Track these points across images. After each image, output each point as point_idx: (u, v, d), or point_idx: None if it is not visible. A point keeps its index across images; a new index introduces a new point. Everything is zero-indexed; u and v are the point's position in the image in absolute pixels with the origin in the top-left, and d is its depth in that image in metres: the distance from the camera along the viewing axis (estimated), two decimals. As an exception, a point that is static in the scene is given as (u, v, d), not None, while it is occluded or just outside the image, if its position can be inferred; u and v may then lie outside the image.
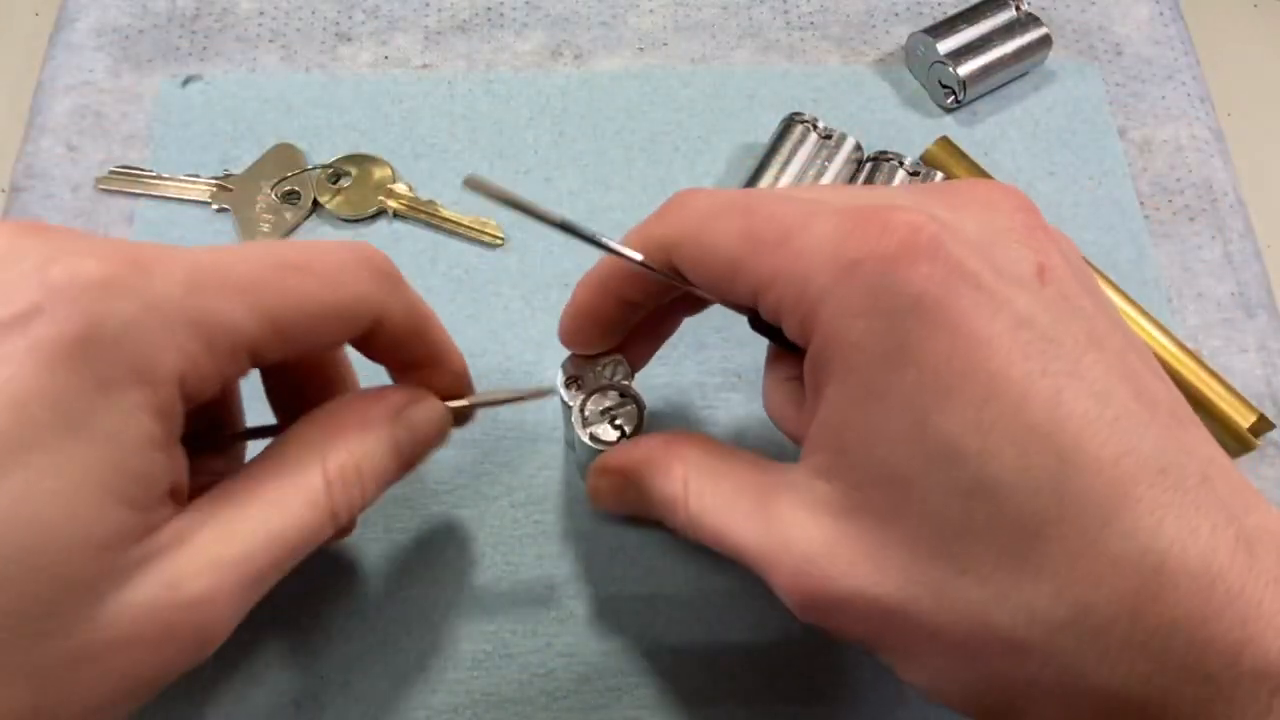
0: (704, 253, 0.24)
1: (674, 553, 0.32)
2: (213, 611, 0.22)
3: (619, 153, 0.39)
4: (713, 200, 0.24)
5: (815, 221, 0.22)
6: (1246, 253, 0.39)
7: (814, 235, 0.22)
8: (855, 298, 0.21)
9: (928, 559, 0.20)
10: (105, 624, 0.20)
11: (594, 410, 0.29)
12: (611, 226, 0.38)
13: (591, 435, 0.29)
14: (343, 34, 0.42)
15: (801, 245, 0.22)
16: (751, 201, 0.24)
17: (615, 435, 0.29)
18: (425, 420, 0.26)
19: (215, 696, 0.29)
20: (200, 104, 0.40)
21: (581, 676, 0.30)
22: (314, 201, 0.38)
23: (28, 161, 0.39)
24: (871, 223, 0.21)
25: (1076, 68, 0.42)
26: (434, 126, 0.40)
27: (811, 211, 0.22)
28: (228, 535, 0.22)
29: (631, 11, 0.43)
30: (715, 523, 0.25)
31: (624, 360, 0.30)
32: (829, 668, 0.31)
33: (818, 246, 0.22)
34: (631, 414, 0.29)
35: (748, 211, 0.23)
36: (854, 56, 0.42)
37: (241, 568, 0.22)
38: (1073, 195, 0.39)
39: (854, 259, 0.21)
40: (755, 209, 0.23)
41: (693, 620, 0.31)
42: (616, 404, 0.29)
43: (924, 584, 0.21)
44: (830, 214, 0.22)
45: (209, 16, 0.42)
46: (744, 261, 0.23)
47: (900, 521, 0.21)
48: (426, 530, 0.32)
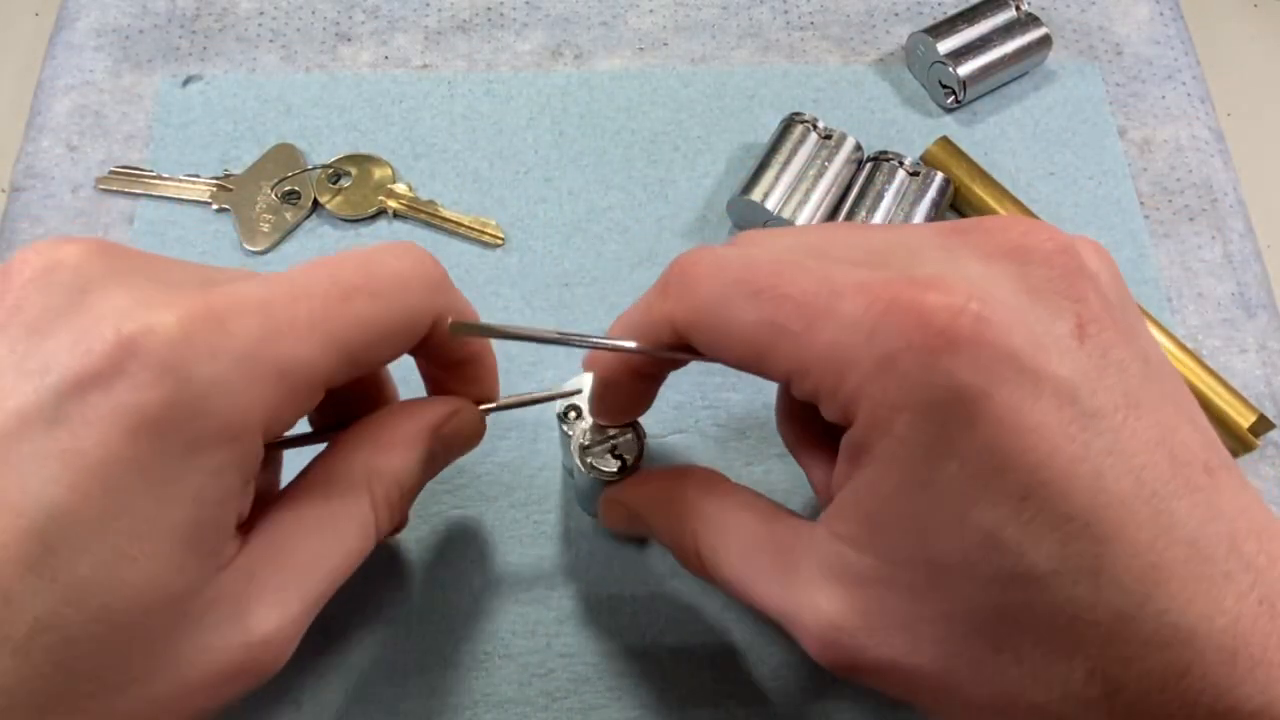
0: (721, 339, 0.23)
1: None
2: (278, 646, 0.22)
3: (619, 153, 0.39)
4: (720, 274, 0.22)
5: (840, 304, 0.21)
6: (1246, 253, 0.39)
7: (841, 321, 0.20)
8: (895, 392, 0.20)
9: (962, 637, 0.20)
10: (182, 670, 0.20)
11: (594, 439, 0.29)
12: (611, 226, 0.38)
13: (590, 465, 0.29)
14: (343, 34, 0.42)
15: (830, 335, 0.21)
16: (765, 277, 0.22)
17: (615, 465, 0.29)
18: (462, 431, 0.27)
19: (215, 696, 0.29)
20: (200, 104, 0.40)
21: (581, 677, 0.30)
22: (314, 201, 0.38)
23: (28, 161, 0.39)
24: (906, 310, 0.20)
25: (1076, 68, 0.42)
26: (434, 126, 0.40)
27: (834, 290, 0.21)
28: (288, 568, 0.22)
29: (631, 11, 0.43)
30: (730, 576, 0.24)
31: None
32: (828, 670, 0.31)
33: (849, 337, 0.20)
34: (631, 444, 0.29)
35: (762, 295, 0.22)
36: (854, 56, 0.42)
37: (304, 601, 0.22)
38: (1073, 195, 0.39)
39: (890, 352, 0.20)
40: (767, 289, 0.21)
41: (693, 620, 0.31)
42: (617, 433, 0.29)
43: (960, 657, 0.20)
44: (855, 293, 0.20)
45: (209, 16, 0.42)
46: (768, 351, 0.22)
47: (935, 600, 0.20)
48: (426, 530, 0.32)
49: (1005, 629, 0.20)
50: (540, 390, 0.26)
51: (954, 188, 0.38)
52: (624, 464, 0.29)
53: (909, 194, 0.37)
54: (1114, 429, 0.19)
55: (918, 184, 0.37)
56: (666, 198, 0.39)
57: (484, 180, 0.39)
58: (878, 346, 0.20)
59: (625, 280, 0.37)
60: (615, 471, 0.28)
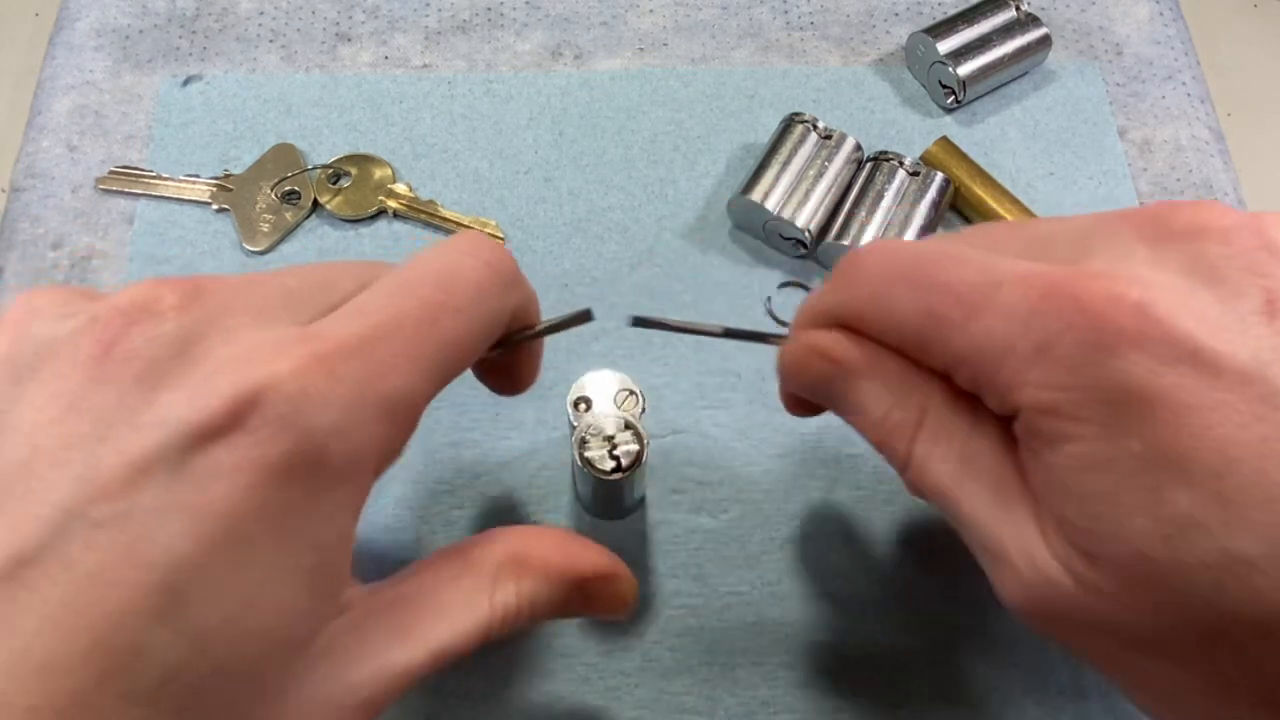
0: (886, 328, 0.23)
1: (673, 554, 0.32)
2: (373, 711, 0.22)
3: (619, 153, 0.39)
4: (886, 266, 0.23)
5: (1000, 294, 0.20)
6: (1246, 253, 0.38)
7: (1000, 312, 0.20)
8: (1057, 379, 0.19)
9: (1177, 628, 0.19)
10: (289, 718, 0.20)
11: (595, 435, 0.29)
12: (611, 226, 0.38)
13: (586, 460, 0.29)
14: (343, 34, 0.42)
15: (989, 324, 0.20)
16: (927, 268, 0.22)
17: (611, 465, 0.29)
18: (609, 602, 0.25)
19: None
20: (200, 104, 0.40)
21: (581, 677, 0.30)
22: (314, 201, 0.38)
23: (28, 161, 0.39)
24: (1064, 297, 0.19)
25: (1076, 68, 0.42)
26: (434, 126, 0.40)
27: (994, 280, 0.21)
28: (398, 643, 0.22)
29: (631, 12, 0.43)
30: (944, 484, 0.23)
31: (640, 394, 0.30)
32: (828, 668, 0.31)
33: (1006, 326, 0.20)
34: (631, 446, 0.29)
35: (926, 285, 0.22)
36: (854, 56, 0.42)
37: (407, 677, 0.22)
38: (1073, 195, 0.39)
39: (1047, 340, 0.19)
40: (933, 280, 0.22)
41: (692, 620, 0.31)
42: (619, 434, 0.29)
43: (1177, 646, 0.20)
44: (1016, 283, 0.20)
45: (209, 16, 0.42)
46: (930, 340, 0.22)
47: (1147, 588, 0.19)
48: (426, 530, 0.32)
49: (1223, 619, 0.19)
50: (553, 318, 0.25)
51: (954, 188, 0.38)
52: (618, 465, 0.29)
53: (909, 194, 0.37)
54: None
55: (918, 184, 0.37)
56: (666, 198, 0.39)
57: (484, 180, 0.39)
58: (1035, 333, 0.20)
59: (625, 280, 0.37)
60: (610, 471, 0.29)
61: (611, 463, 0.29)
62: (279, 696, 0.20)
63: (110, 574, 0.18)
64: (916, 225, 0.36)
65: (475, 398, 0.34)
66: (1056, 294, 0.20)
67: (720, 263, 0.37)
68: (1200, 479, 0.18)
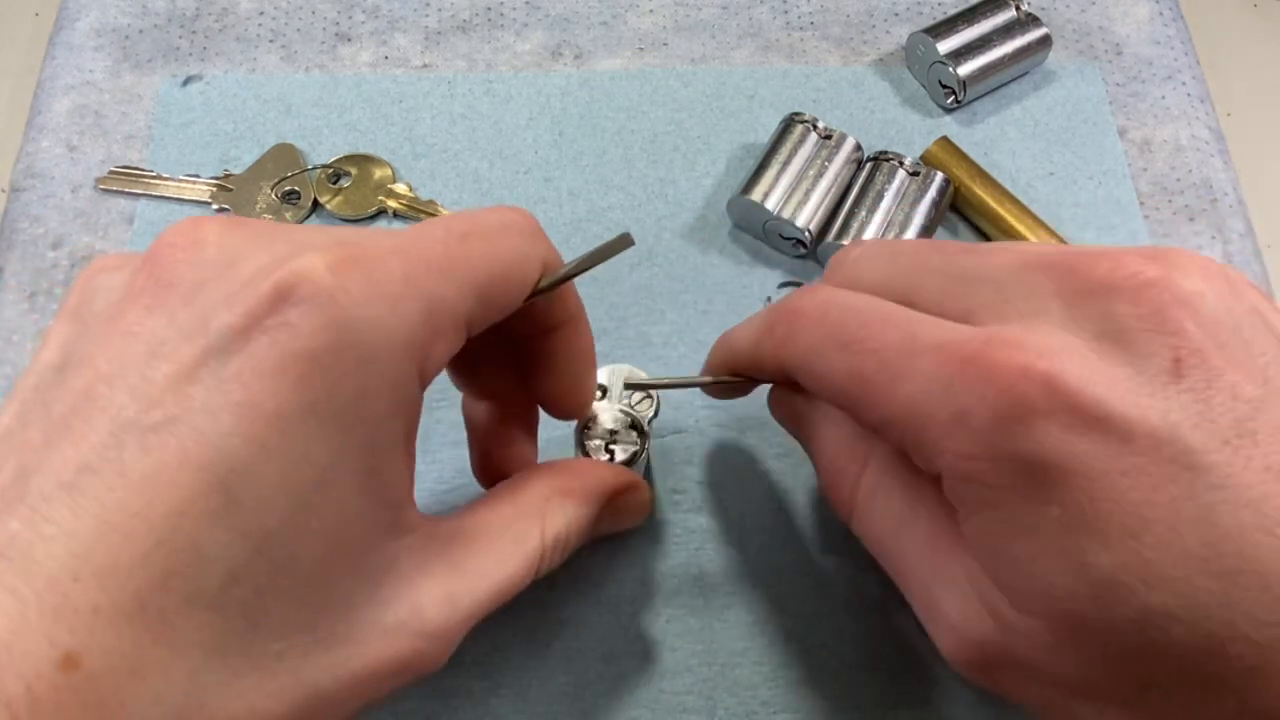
0: (819, 387, 0.24)
1: (673, 555, 0.32)
2: (442, 645, 0.22)
3: (619, 153, 0.39)
4: (818, 326, 0.24)
5: (919, 362, 0.21)
6: (1246, 253, 0.39)
7: (920, 380, 0.21)
8: (975, 449, 0.20)
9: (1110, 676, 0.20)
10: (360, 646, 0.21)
11: (599, 428, 0.29)
12: (612, 226, 0.38)
13: (582, 447, 0.29)
14: (343, 34, 0.42)
15: (910, 392, 0.21)
16: (854, 330, 0.23)
17: (605, 459, 0.29)
18: (633, 508, 0.28)
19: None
20: (200, 104, 0.40)
21: (581, 677, 0.30)
22: (314, 201, 0.38)
23: (28, 161, 0.39)
24: (977, 370, 0.20)
25: (1076, 68, 0.42)
26: (434, 126, 0.40)
27: (914, 348, 0.21)
28: (461, 574, 0.23)
29: (631, 11, 0.43)
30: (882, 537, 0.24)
31: (655, 396, 0.30)
32: (826, 671, 0.31)
33: (925, 395, 0.21)
34: (630, 444, 0.29)
35: (853, 349, 0.23)
36: (854, 56, 0.42)
37: (470, 609, 0.23)
38: (1073, 195, 0.39)
39: (962, 410, 0.20)
40: (860, 343, 0.23)
41: (691, 620, 0.31)
42: (622, 430, 0.29)
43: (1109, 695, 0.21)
44: (934, 352, 0.21)
45: (209, 16, 0.42)
46: (858, 402, 0.23)
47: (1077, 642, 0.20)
48: (426, 530, 0.32)
49: (1150, 669, 0.19)
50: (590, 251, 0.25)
51: (954, 188, 0.38)
52: (612, 459, 0.29)
53: (909, 194, 0.37)
54: (1224, 463, 0.19)
55: (918, 184, 0.37)
56: (666, 198, 0.39)
57: (484, 180, 0.39)
58: (952, 404, 0.20)
59: (625, 280, 0.37)
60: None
61: (606, 456, 0.29)
62: (346, 610, 0.20)
63: (165, 476, 0.18)
64: (916, 225, 0.36)
65: (475, 398, 0.34)
66: (970, 366, 0.20)
67: (720, 263, 0.37)
68: (1118, 540, 0.19)
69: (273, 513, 0.19)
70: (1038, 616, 0.20)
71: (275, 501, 0.19)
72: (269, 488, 0.19)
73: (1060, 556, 0.20)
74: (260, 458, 0.19)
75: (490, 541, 0.24)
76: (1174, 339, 0.20)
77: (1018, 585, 0.21)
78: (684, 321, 0.36)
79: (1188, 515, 0.19)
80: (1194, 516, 0.18)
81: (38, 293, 0.36)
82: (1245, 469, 0.19)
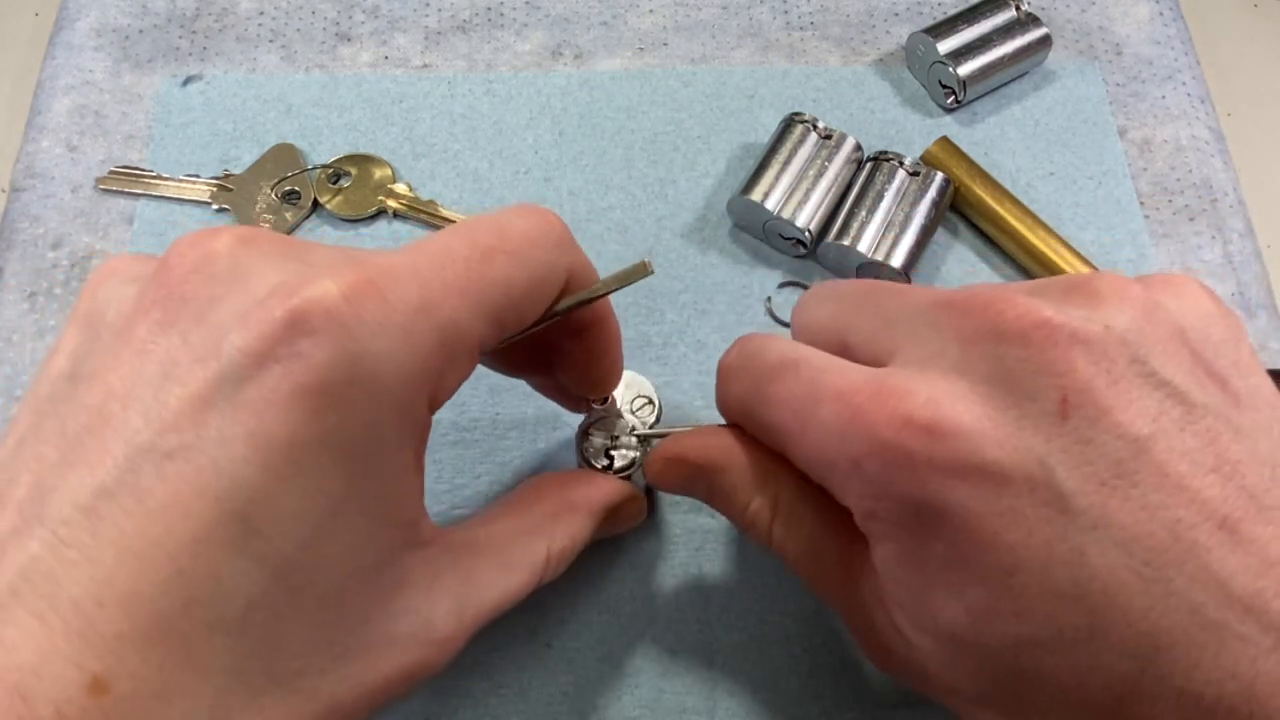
0: (754, 432, 0.26)
1: (673, 554, 0.32)
2: (448, 652, 0.23)
3: (619, 153, 0.39)
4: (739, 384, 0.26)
5: (820, 412, 0.22)
6: (1246, 253, 0.39)
7: (821, 431, 0.22)
8: (868, 490, 0.22)
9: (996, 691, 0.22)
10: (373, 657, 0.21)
11: (599, 433, 0.29)
12: (611, 226, 0.38)
13: (582, 450, 0.29)
14: (343, 34, 0.42)
15: (814, 440, 0.23)
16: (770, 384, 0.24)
17: (603, 464, 0.29)
18: (630, 516, 0.30)
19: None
20: (200, 104, 0.40)
21: (581, 676, 0.30)
22: (314, 201, 0.38)
23: (28, 161, 0.39)
24: (864, 423, 0.21)
25: (1077, 68, 0.42)
26: (434, 126, 0.40)
27: (817, 397, 0.23)
28: (471, 586, 0.23)
29: (631, 11, 0.43)
30: (799, 565, 0.26)
31: (658, 403, 0.30)
32: (828, 668, 0.31)
33: (826, 444, 0.22)
34: (628, 456, 0.29)
35: (770, 402, 0.24)
36: (854, 56, 0.42)
37: (476, 618, 0.23)
38: (1073, 195, 0.39)
39: (855, 458, 0.22)
40: (774, 396, 0.24)
41: (691, 620, 0.31)
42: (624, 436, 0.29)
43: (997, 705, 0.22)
44: (832, 402, 0.22)
45: (209, 16, 0.42)
46: (782, 447, 0.24)
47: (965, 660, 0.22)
48: (426, 530, 0.32)
49: (1028, 689, 0.21)
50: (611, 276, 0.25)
51: (954, 188, 0.38)
52: (610, 464, 0.29)
53: (909, 194, 0.37)
54: (1098, 505, 0.19)
55: (918, 184, 0.37)
56: (666, 198, 0.39)
57: (484, 180, 0.39)
58: (848, 450, 0.22)
59: (625, 280, 0.37)
60: (602, 469, 0.29)
61: (605, 460, 0.29)
62: (361, 624, 0.21)
63: (182, 505, 0.18)
64: (916, 225, 0.36)
65: (475, 397, 0.34)
66: (860, 416, 0.21)
67: (720, 263, 0.37)
68: (994, 576, 0.20)
69: (290, 541, 0.19)
70: (929, 636, 0.22)
71: (292, 530, 0.19)
72: (286, 516, 0.19)
73: (945, 587, 0.21)
74: (276, 487, 0.19)
75: (499, 553, 0.24)
76: (1062, 379, 0.20)
77: (911, 609, 0.22)
78: (684, 321, 0.36)
79: (1059, 555, 0.19)
80: (1065, 557, 0.19)
81: (38, 293, 0.36)
82: (1120, 509, 0.19)
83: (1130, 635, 0.19)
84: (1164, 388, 0.20)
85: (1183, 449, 0.20)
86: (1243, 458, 0.20)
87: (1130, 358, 0.20)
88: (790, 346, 0.25)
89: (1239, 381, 0.21)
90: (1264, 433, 0.21)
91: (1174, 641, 0.19)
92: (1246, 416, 0.21)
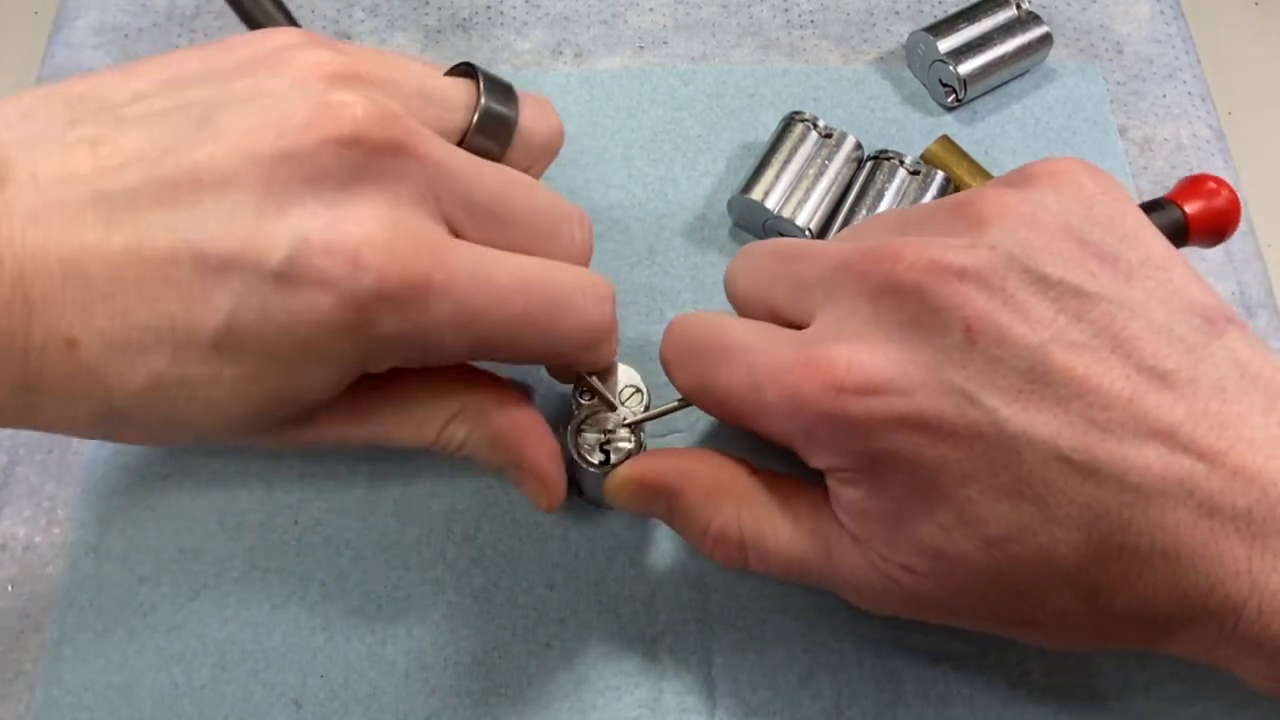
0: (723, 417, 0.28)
1: (673, 552, 0.32)
2: None
3: (619, 152, 0.39)
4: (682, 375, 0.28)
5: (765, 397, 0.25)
6: (1246, 253, 0.38)
7: (771, 415, 0.25)
8: (825, 450, 0.25)
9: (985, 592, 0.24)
10: None
11: (592, 427, 0.29)
12: (611, 226, 0.38)
13: (576, 447, 0.29)
14: (342, 33, 0.42)
15: (770, 424, 0.25)
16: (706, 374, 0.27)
17: (599, 459, 0.29)
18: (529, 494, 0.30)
19: (216, 695, 0.29)
20: (200, 103, 0.40)
21: (581, 676, 0.30)
22: (313, 200, 0.38)
23: (27, 160, 0.39)
24: (801, 395, 0.24)
25: (1077, 66, 0.42)
26: (434, 125, 0.40)
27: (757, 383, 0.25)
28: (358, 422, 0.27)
29: (631, 10, 0.43)
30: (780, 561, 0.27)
31: (645, 390, 0.30)
32: (826, 668, 0.31)
33: (779, 425, 0.25)
34: (622, 449, 0.29)
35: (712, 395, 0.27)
36: (854, 55, 0.42)
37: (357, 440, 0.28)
38: (1073, 194, 0.39)
39: (806, 429, 0.24)
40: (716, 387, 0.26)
41: (691, 620, 0.31)
42: (618, 429, 0.29)
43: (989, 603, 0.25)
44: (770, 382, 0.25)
45: (209, 15, 0.42)
46: (742, 419, 0.26)
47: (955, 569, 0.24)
48: (426, 530, 0.32)
49: (1011, 579, 0.23)
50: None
51: (954, 186, 0.38)
52: (606, 460, 0.29)
53: (909, 193, 0.37)
54: (1020, 412, 0.22)
55: (918, 183, 0.37)
56: (666, 197, 0.38)
57: (484, 179, 0.39)
58: (798, 424, 0.24)
59: (624, 280, 0.37)
60: (597, 464, 0.29)
61: (600, 455, 0.29)
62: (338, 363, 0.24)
63: None
64: (917, 224, 0.36)
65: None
66: (798, 396, 0.24)
67: (720, 262, 0.37)
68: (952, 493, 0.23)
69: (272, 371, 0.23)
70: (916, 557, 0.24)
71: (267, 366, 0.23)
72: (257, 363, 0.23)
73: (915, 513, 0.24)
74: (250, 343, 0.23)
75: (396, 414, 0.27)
76: (962, 311, 0.23)
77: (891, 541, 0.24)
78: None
79: (999, 462, 0.22)
80: (1004, 462, 0.22)
81: (37, 292, 0.36)
82: (1040, 410, 0.22)
83: (1074, 510, 0.22)
84: (1056, 287, 0.23)
85: (1081, 341, 0.22)
86: (1138, 332, 0.22)
87: (1020, 270, 0.23)
88: (717, 329, 0.27)
89: (1129, 253, 0.24)
90: (1157, 301, 0.23)
91: (1106, 507, 0.22)
92: (1138, 288, 0.23)
